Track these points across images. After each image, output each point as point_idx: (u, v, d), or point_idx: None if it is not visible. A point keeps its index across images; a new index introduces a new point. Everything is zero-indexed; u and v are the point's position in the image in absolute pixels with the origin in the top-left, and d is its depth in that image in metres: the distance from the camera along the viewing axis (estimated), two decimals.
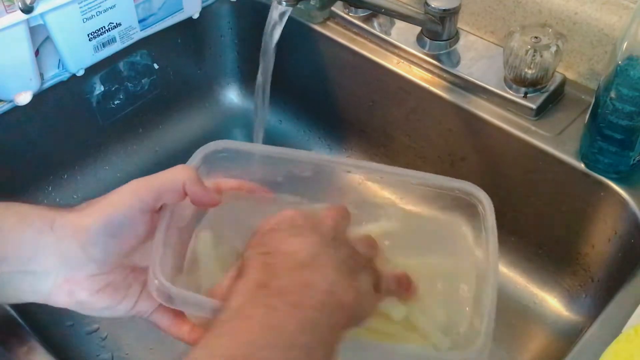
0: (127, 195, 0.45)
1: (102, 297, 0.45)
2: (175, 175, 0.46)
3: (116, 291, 0.46)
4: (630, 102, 0.56)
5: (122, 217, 0.44)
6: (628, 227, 0.61)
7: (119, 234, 0.44)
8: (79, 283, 0.44)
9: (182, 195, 0.46)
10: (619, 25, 0.64)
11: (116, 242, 0.44)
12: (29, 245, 0.43)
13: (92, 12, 0.70)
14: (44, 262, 0.43)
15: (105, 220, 0.43)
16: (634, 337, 0.48)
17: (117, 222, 0.44)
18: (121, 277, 0.46)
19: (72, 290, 0.44)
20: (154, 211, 0.46)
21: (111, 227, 0.44)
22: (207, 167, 0.50)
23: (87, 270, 0.44)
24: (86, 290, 0.44)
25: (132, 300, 0.46)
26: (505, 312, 0.71)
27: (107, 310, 0.46)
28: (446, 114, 0.72)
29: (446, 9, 0.69)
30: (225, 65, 0.93)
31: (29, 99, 0.70)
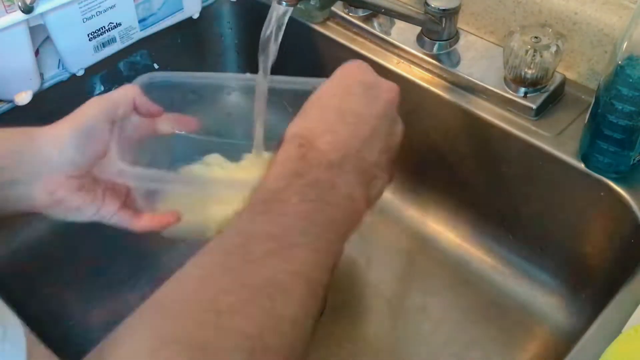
0: (92, 107, 0.55)
1: (77, 196, 0.54)
2: (126, 91, 0.58)
3: (87, 193, 0.55)
4: (630, 102, 0.56)
5: (91, 123, 0.54)
6: (628, 227, 0.61)
7: (89, 138, 0.54)
8: (58, 183, 0.53)
9: (132, 107, 0.57)
10: (619, 25, 0.64)
11: (87, 144, 0.53)
12: (15, 155, 0.52)
13: (92, 12, 0.70)
14: (27, 170, 0.52)
15: (79, 126, 0.53)
16: (634, 337, 0.48)
17: (88, 127, 0.54)
18: (89, 183, 0.56)
19: (53, 190, 0.53)
20: (113, 122, 0.56)
21: (83, 131, 0.53)
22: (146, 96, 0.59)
23: (65, 171, 0.53)
24: (64, 189, 0.53)
25: (98, 202, 0.56)
26: (505, 312, 0.71)
27: (78, 213, 0.55)
28: (446, 114, 0.72)
29: (446, 9, 0.69)
30: (225, 65, 0.93)
31: (29, 99, 0.70)
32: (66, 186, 0.53)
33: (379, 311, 0.72)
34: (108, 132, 0.55)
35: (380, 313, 0.72)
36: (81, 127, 0.53)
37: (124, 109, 0.56)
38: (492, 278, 0.74)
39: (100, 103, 0.56)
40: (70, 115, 0.54)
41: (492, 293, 0.73)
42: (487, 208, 0.76)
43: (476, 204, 0.77)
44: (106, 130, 0.55)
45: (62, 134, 0.53)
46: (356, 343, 0.69)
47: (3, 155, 0.51)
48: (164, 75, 0.64)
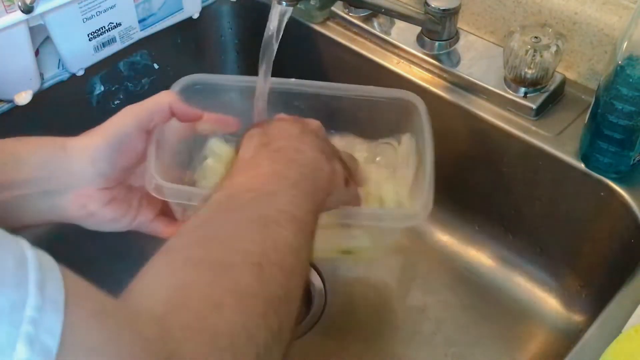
0: (125, 116, 0.54)
1: (109, 209, 0.53)
2: (162, 98, 0.56)
3: (120, 205, 0.54)
4: (630, 102, 0.56)
5: (124, 134, 0.53)
6: (628, 227, 0.61)
7: (122, 149, 0.53)
8: (90, 196, 0.52)
9: (169, 115, 0.56)
10: (619, 25, 0.64)
11: (120, 156, 0.53)
12: (46, 166, 0.51)
13: (92, 12, 0.70)
14: (59, 181, 0.51)
15: (110, 137, 0.52)
16: (634, 337, 0.48)
17: (120, 138, 0.52)
18: (123, 193, 0.55)
19: (84, 203, 0.52)
20: (147, 131, 0.55)
21: (115, 143, 0.52)
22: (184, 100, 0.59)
23: (97, 184, 0.52)
24: (96, 202, 0.53)
25: (133, 212, 0.56)
26: (506, 312, 0.71)
27: (113, 223, 0.55)
28: (446, 114, 0.72)
29: (446, 9, 0.69)
30: (225, 65, 0.93)
31: (29, 99, 0.70)
32: (97, 199, 0.53)
33: (380, 311, 0.72)
34: (142, 141, 0.54)
35: (380, 313, 0.72)
36: (112, 138, 0.52)
37: (159, 117, 0.55)
38: (492, 278, 0.74)
39: (133, 112, 0.54)
40: (102, 125, 0.53)
41: (492, 293, 0.73)
42: (487, 208, 0.76)
43: (476, 203, 0.77)
44: (139, 140, 0.54)
45: (93, 146, 0.52)
46: (356, 343, 0.69)
47: (37, 166, 0.50)
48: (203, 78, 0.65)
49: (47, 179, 0.50)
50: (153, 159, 0.54)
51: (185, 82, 0.63)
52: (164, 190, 0.53)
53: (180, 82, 0.63)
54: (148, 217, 0.57)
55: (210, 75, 0.64)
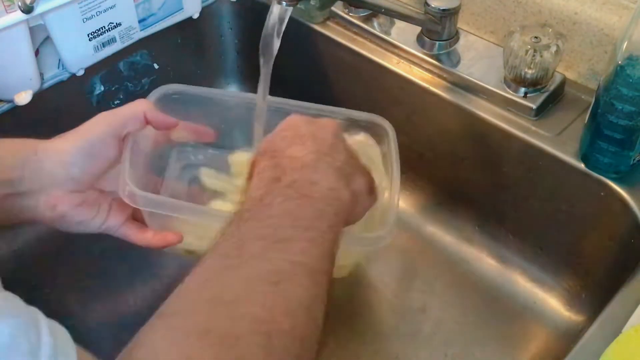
0: (99, 122, 0.55)
1: (79, 211, 0.54)
2: (136, 106, 0.57)
3: (91, 207, 0.55)
4: (630, 102, 0.56)
5: (96, 140, 0.54)
6: (628, 227, 0.61)
7: (93, 155, 0.54)
8: (60, 198, 0.53)
9: (144, 123, 0.56)
10: (619, 25, 0.64)
11: (91, 162, 0.54)
12: (18, 169, 0.51)
13: (92, 12, 0.70)
14: (30, 183, 0.52)
15: (82, 143, 0.53)
16: (634, 337, 0.48)
17: (92, 144, 0.53)
18: (94, 197, 0.56)
19: (55, 205, 0.53)
20: (120, 138, 0.55)
21: (88, 149, 0.53)
22: (160, 109, 0.59)
23: (68, 186, 0.53)
24: (66, 205, 0.53)
25: (103, 215, 0.56)
26: (506, 312, 0.71)
27: (82, 225, 0.55)
28: (446, 114, 0.72)
29: (446, 9, 0.69)
30: (225, 65, 0.93)
31: (29, 99, 0.70)
32: (68, 201, 0.54)
33: (379, 311, 0.72)
34: (114, 148, 0.55)
35: (380, 313, 0.72)
36: (85, 143, 0.53)
37: (133, 125, 0.56)
38: (492, 278, 0.74)
39: (107, 118, 0.55)
40: (76, 130, 0.54)
41: (492, 293, 0.73)
42: (487, 208, 0.76)
43: (476, 203, 0.77)
44: (112, 147, 0.55)
45: (65, 150, 0.53)
46: (357, 343, 0.69)
47: (10, 167, 0.51)
48: (180, 88, 0.65)
49: (19, 180, 0.51)
50: (127, 166, 0.55)
51: (162, 91, 0.63)
52: (137, 198, 0.54)
53: (157, 91, 0.63)
54: (118, 221, 0.57)
55: (188, 86, 0.65)
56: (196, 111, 0.64)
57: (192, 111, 0.64)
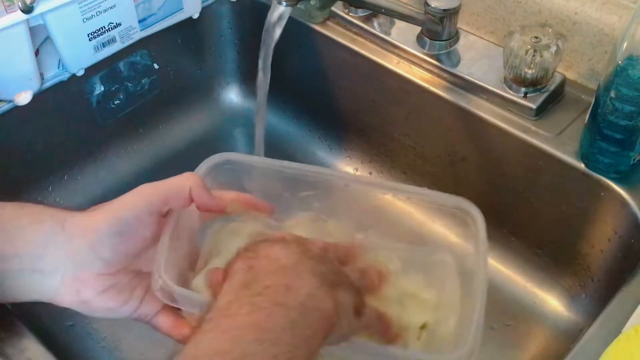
0: (136, 197, 0.47)
1: (106, 297, 0.47)
2: (182, 181, 0.48)
3: (120, 293, 0.47)
4: (630, 102, 0.56)
5: (131, 217, 0.46)
6: (628, 227, 0.61)
7: (127, 234, 0.46)
8: (85, 281, 0.46)
9: (188, 201, 0.48)
10: (619, 25, 0.64)
11: (124, 242, 0.46)
12: (41, 243, 0.45)
13: (92, 12, 0.70)
14: (53, 260, 0.45)
15: (115, 220, 0.46)
16: (634, 337, 0.48)
17: (126, 222, 0.46)
18: (126, 280, 0.48)
19: (79, 289, 0.46)
20: (160, 215, 0.48)
21: (120, 227, 0.46)
22: (212, 179, 0.52)
23: (95, 268, 0.46)
24: (92, 289, 0.46)
25: (135, 303, 0.48)
26: (506, 312, 0.71)
27: (110, 312, 0.48)
28: (446, 114, 0.72)
29: (446, 9, 0.69)
30: (225, 65, 0.93)
31: (29, 99, 0.70)
32: (93, 286, 0.46)
33: None
34: (152, 226, 0.47)
35: None
36: (118, 221, 0.46)
37: (176, 202, 0.48)
38: (492, 278, 0.74)
39: (146, 193, 0.47)
40: (110, 204, 0.47)
41: (492, 293, 0.72)
42: (487, 208, 0.75)
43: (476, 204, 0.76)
44: (150, 225, 0.47)
45: (94, 228, 0.46)
46: None
47: (31, 240, 0.45)
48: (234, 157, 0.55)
49: (39, 256, 0.45)
50: (164, 253, 0.46)
51: (213, 161, 0.54)
52: (172, 295, 0.45)
53: (208, 161, 0.53)
54: (153, 309, 0.49)
55: (241, 155, 0.56)
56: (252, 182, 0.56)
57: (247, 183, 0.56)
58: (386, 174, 0.84)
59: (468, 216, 0.53)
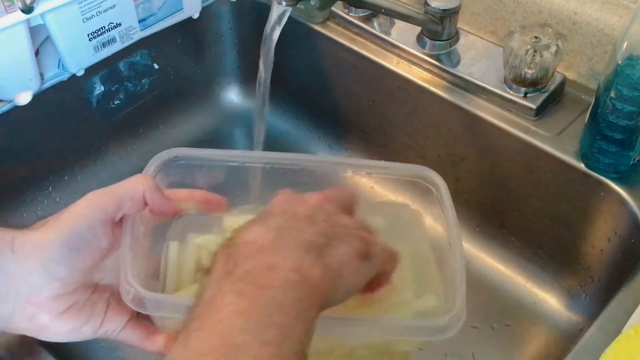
0: (87, 207, 0.44)
1: (66, 319, 0.44)
2: (134, 184, 0.46)
3: (80, 312, 0.44)
4: (630, 102, 0.56)
5: (84, 229, 0.43)
6: (628, 227, 0.61)
7: (82, 248, 0.43)
8: (41, 305, 0.42)
9: (142, 204, 0.46)
10: (619, 25, 0.64)
11: (79, 256, 0.43)
12: None
13: (92, 12, 0.70)
14: (3, 285, 0.42)
15: (67, 234, 0.43)
16: (634, 337, 0.48)
17: (79, 234, 0.43)
18: (85, 297, 0.45)
19: (34, 314, 0.42)
20: (114, 222, 0.45)
21: (73, 241, 0.43)
22: (163, 176, 0.50)
23: (50, 290, 0.43)
24: (49, 313, 0.43)
25: (98, 320, 0.45)
26: (506, 312, 0.71)
27: (71, 334, 0.45)
28: (446, 114, 0.72)
29: (446, 9, 0.69)
30: (225, 65, 0.93)
31: (29, 99, 0.70)
32: (50, 309, 0.43)
33: None
34: (107, 235, 0.45)
35: None
36: (70, 235, 0.43)
37: (129, 208, 0.45)
38: (492, 278, 0.74)
39: (98, 200, 0.45)
40: (59, 216, 0.44)
41: (492, 293, 0.73)
42: (487, 208, 0.76)
43: (476, 204, 0.77)
44: (104, 234, 0.44)
45: (45, 245, 0.42)
46: None
47: None
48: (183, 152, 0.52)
49: None
50: (128, 260, 0.43)
51: (163, 158, 0.51)
52: (146, 303, 0.42)
53: (157, 158, 0.51)
54: (118, 324, 0.46)
55: (191, 150, 0.53)
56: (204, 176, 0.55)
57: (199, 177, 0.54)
58: None
59: (430, 183, 0.53)
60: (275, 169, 0.53)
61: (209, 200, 0.51)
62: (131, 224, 0.46)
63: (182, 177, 0.52)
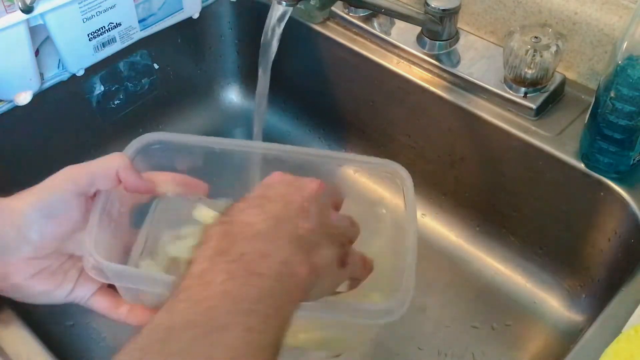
0: (62, 179, 0.47)
1: (37, 281, 0.47)
2: (108, 162, 0.49)
3: (52, 276, 0.48)
4: (630, 102, 0.56)
5: (57, 199, 0.46)
6: (628, 227, 0.61)
7: (54, 216, 0.46)
8: (14, 266, 0.45)
9: (116, 182, 0.48)
10: (619, 25, 0.64)
11: (51, 224, 0.46)
12: None
13: (92, 12, 0.70)
14: None
15: (41, 203, 0.46)
16: (634, 337, 0.48)
17: (52, 204, 0.46)
18: (58, 263, 0.48)
19: (7, 274, 0.45)
20: (88, 196, 0.48)
21: (46, 209, 0.46)
22: (143, 159, 0.53)
23: (23, 253, 0.46)
24: (22, 274, 0.46)
25: (69, 286, 0.49)
26: (505, 312, 0.71)
27: (43, 296, 0.48)
28: (446, 114, 0.72)
29: (446, 9, 0.69)
30: (225, 65, 0.93)
31: (29, 99, 0.70)
32: (23, 270, 0.46)
33: None
34: (79, 208, 0.47)
35: None
36: (43, 203, 0.46)
37: (102, 183, 0.48)
38: (492, 278, 0.74)
39: (72, 174, 0.47)
40: (35, 187, 0.47)
41: (492, 293, 0.73)
42: (487, 208, 0.76)
43: (476, 204, 0.77)
44: (76, 207, 0.47)
45: (19, 211, 0.45)
46: None
47: None
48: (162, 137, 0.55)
49: None
50: (94, 232, 0.46)
51: (143, 141, 0.53)
52: (105, 272, 0.45)
53: (137, 141, 0.53)
54: (88, 291, 0.50)
55: (171, 134, 0.55)
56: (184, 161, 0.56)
57: (179, 161, 0.56)
58: None
59: (397, 176, 0.55)
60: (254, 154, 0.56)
61: (188, 183, 0.53)
62: (104, 199, 0.48)
63: (164, 160, 0.54)
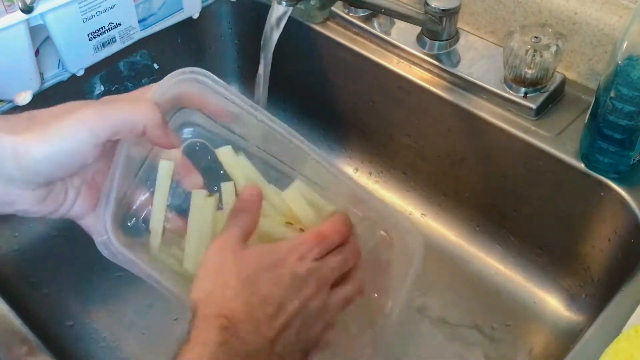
0: (79, 127, 0.42)
1: (43, 206, 0.45)
2: (136, 114, 0.44)
3: (55, 200, 0.46)
4: (630, 102, 0.56)
5: (70, 149, 0.42)
6: (628, 227, 0.61)
7: (64, 165, 0.43)
8: (20, 195, 0.43)
9: (141, 135, 0.45)
10: (619, 25, 0.64)
11: (60, 169, 0.43)
12: None
13: (92, 12, 0.70)
14: None
15: (51, 151, 0.42)
16: (634, 337, 0.48)
17: (64, 154, 0.42)
18: (59, 186, 0.46)
19: (13, 201, 0.44)
20: (104, 144, 0.44)
21: (57, 159, 0.42)
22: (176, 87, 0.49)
23: (27, 187, 0.43)
24: (28, 202, 0.44)
25: (68, 205, 0.47)
26: (506, 312, 0.71)
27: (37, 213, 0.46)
28: (446, 114, 0.72)
29: (446, 8, 0.69)
30: (225, 65, 0.93)
31: (29, 99, 0.70)
32: (29, 199, 0.44)
33: None
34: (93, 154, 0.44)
35: None
36: (56, 151, 0.42)
37: (124, 135, 0.45)
38: (492, 278, 0.74)
39: (92, 122, 0.43)
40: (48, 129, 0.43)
41: (492, 293, 0.73)
42: (487, 208, 0.76)
43: (476, 204, 0.77)
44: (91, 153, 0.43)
45: (29, 155, 0.42)
46: None
47: None
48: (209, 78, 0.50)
49: None
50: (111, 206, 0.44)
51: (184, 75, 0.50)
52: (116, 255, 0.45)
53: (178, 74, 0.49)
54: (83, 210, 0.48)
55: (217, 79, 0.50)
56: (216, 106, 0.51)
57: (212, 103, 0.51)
58: (386, 174, 0.84)
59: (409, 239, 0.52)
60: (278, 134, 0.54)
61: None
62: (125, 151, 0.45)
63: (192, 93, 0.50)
